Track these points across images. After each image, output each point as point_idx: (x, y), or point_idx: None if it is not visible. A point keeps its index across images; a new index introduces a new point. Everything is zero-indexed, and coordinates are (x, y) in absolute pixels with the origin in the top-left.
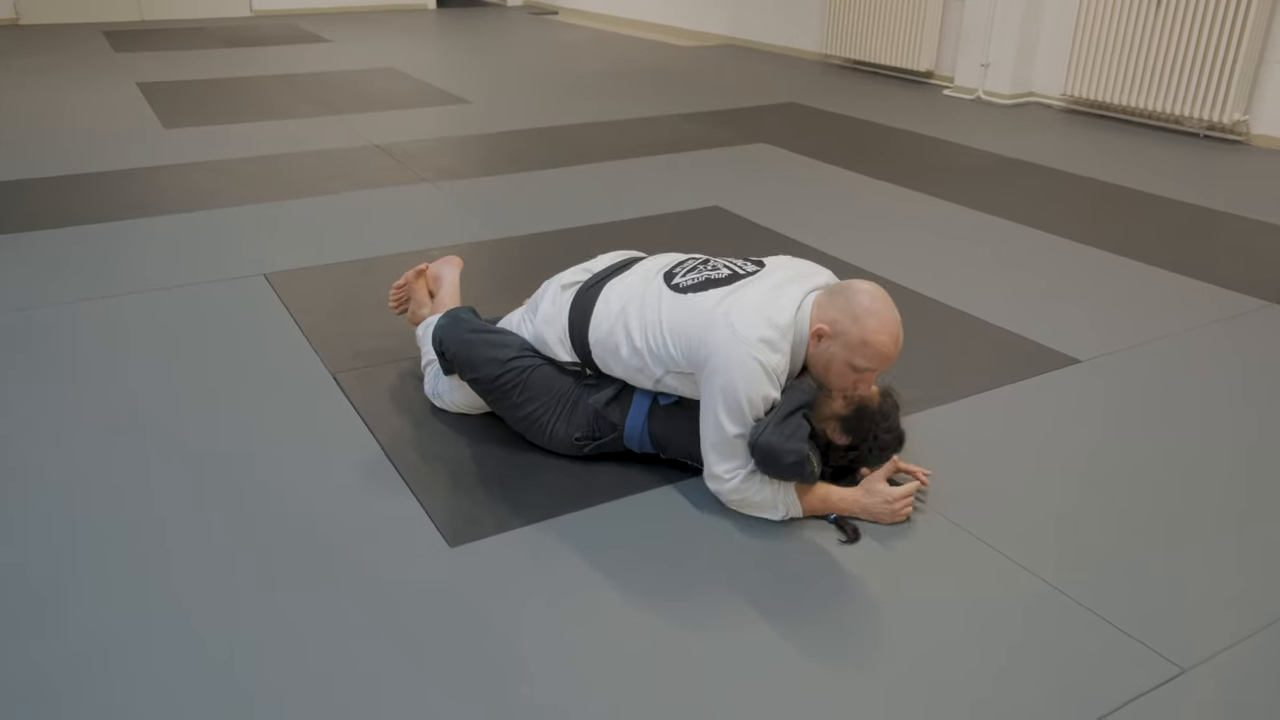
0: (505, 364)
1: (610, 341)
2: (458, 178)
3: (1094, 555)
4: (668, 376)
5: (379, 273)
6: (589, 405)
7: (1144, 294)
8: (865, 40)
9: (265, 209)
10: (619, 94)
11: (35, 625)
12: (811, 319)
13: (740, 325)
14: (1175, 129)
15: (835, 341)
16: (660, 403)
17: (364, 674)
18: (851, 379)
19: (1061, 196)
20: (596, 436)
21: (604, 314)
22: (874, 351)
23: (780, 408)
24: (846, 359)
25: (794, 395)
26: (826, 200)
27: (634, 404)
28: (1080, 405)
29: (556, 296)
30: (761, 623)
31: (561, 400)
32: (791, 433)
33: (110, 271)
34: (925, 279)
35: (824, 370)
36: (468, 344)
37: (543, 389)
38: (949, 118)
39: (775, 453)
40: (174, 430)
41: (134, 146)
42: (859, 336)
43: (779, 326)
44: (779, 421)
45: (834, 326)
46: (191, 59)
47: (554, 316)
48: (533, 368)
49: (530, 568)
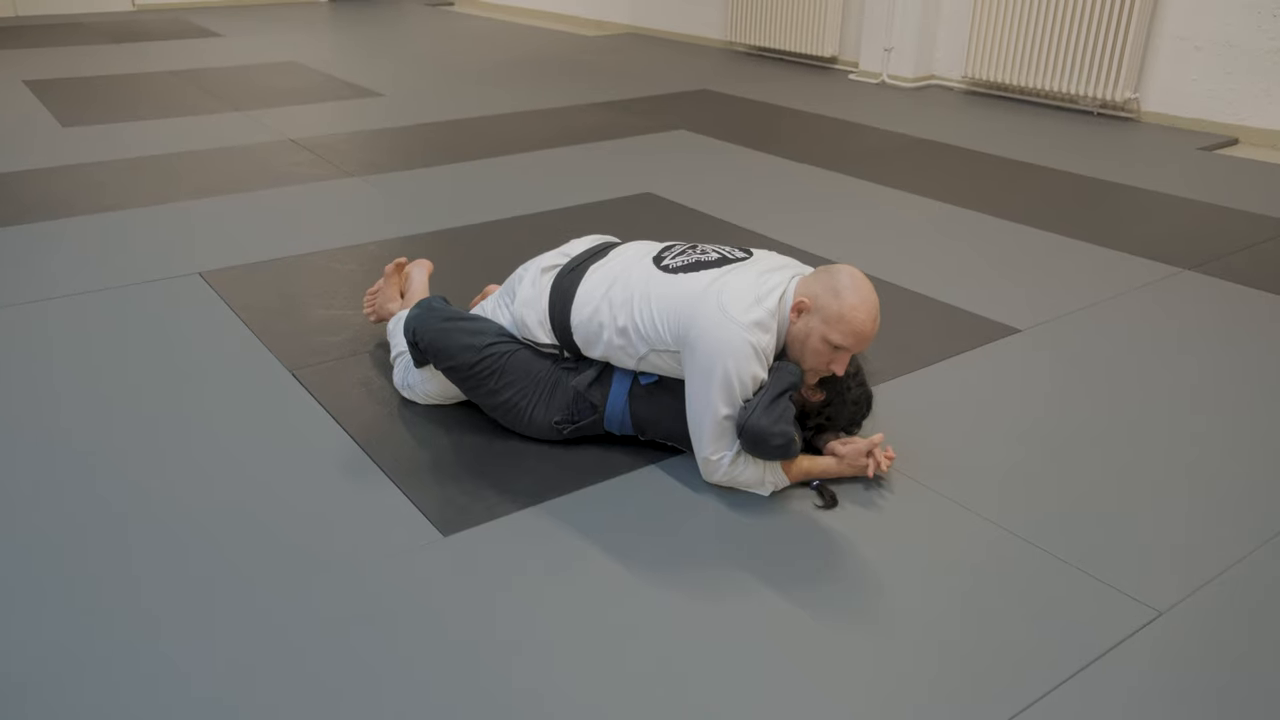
0: (482, 350)
1: (594, 321)
2: (382, 171)
3: (1060, 509)
4: (651, 354)
5: (317, 267)
6: (569, 388)
7: (1064, 264)
8: (769, 27)
9: (187, 207)
10: (530, 83)
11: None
12: (796, 296)
13: (731, 306)
14: (1070, 107)
15: (814, 316)
16: (641, 382)
17: (370, 667)
18: (827, 357)
19: (972, 174)
20: (576, 420)
21: (587, 296)
22: (850, 327)
23: (767, 390)
24: (823, 333)
25: (780, 377)
26: (752, 184)
27: (614, 385)
28: (1028, 371)
29: (536, 279)
30: (753, 594)
31: (540, 384)
32: (779, 415)
33: (28, 276)
34: (860, 256)
35: (801, 346)
36: (443, 332)
37: (521, 374)
38: (856, 101)
39: (764, 435)
40: (134, 438)
41: (32, 147)
42: (837, 311)
43: (768, 308)
44: (767, 404)
45: (814, 301)
46: (78, 55)
47: (534, 299)
48: (510, 353)
49: (525, 553)
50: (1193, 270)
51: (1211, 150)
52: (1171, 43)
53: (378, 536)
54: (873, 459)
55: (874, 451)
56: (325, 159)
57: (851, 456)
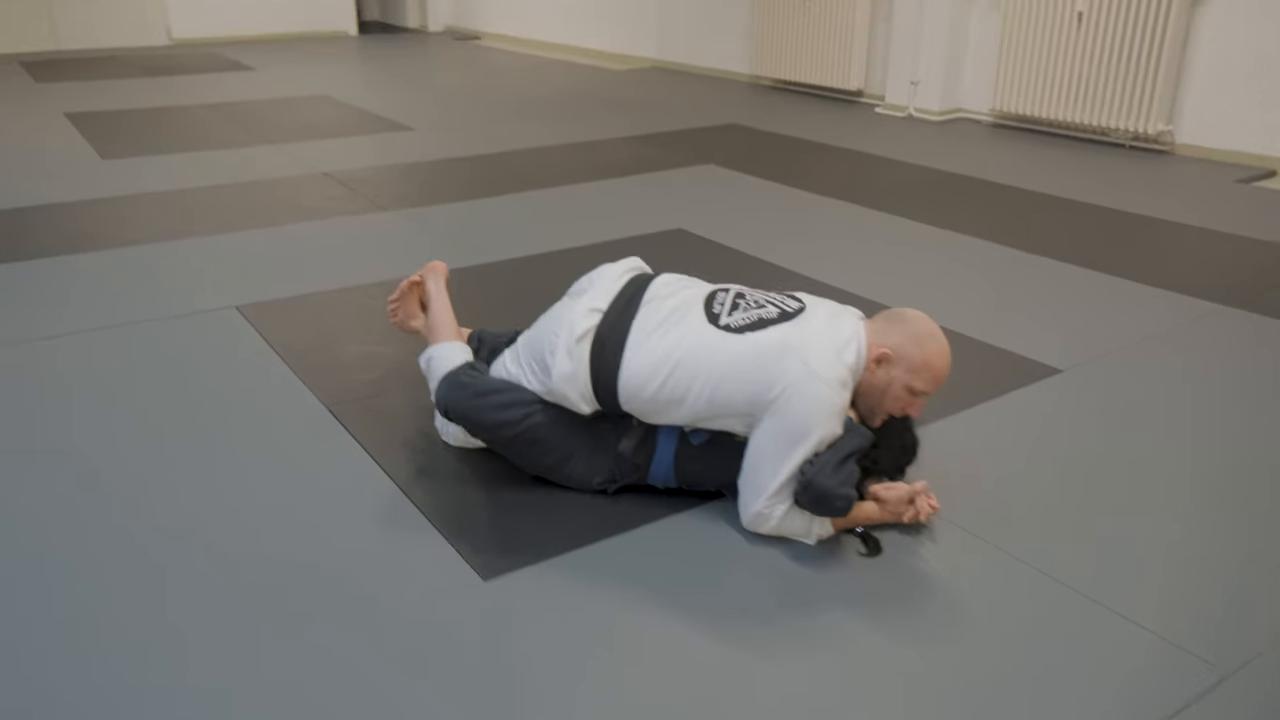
0: (518, 425)
1: (658, 400)
2: (415, 205)
3: (1113, 559)
4: (717, 419)
5: (354, 302)
6: (612, 449)
7: (1102, 301)
8: (794, 61)
9: (223, 240)
10: (558, 118)
11: (41, 696)
12: (869, 345)
13: (816, 364)
14: (1101, 140)
15: (897, 365)
16: (692, 442)
17: (403, 714)
18: (905, 401)
19: (1003, 208)
20: (618, 479)
21: (642, 373)
22: (933, 374)
23: (837, 450)
24: (906, 382)
25: (851, 439)
26: (783, 219)
27: (660, 444)
28: (1073, 413)
29: (572, 350)
30: (802, 647)
31: (580, 446)
32: (845, 478)
33: (67, 308)
34: (894, 293)
35: (880, 394)
36: (475, 409)
37: (560, 440)
38: (884, 135)
39: (829, 496)
40: (171, 472)
41: (73, 179)
42: (921, 359)
43: (848, 364)
44: (836, 465)
45: (896, 351)
46: (116, 88)
47: (573, 374)
48: (547, 422)
49: (567, 600)
50: (1233, 306)
51: (1249, 183)
52: (1205, 74)
53: (417, 580)
54: (915, 506)
55: (917, 499)
56: (358, 193)
57: (894, 504)
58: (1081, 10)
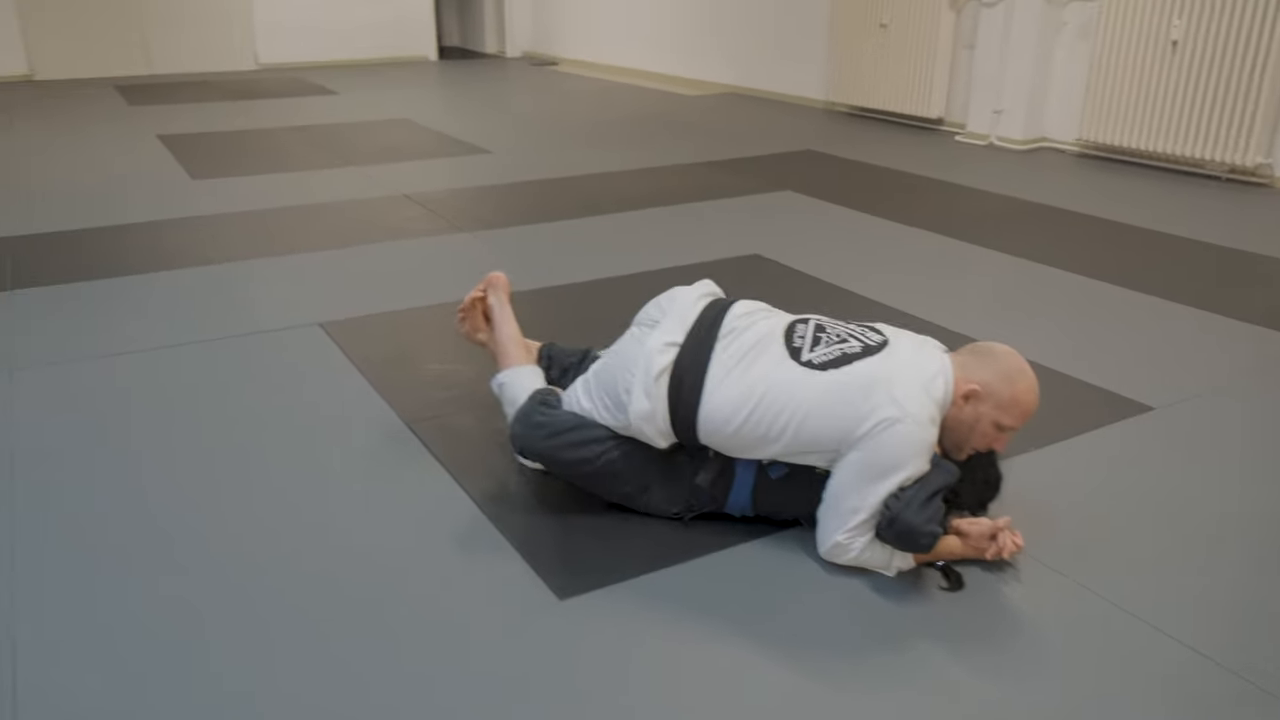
0: (595, 462)
1: (741, 436)
2: (492, 227)
3: (1210, 604)
4: (800, 454)
5: (430, 321)
6: (689, 482)
7: (1196, 337)
8: (872, 87)
9: (307, 259)
10: (635, 143)
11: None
12: (957, 380)
13: (904, 400)
14: (1195, 172)
15: (986, 402)
16: (771, 475)
17: None
18: (991, 437)
19: (1090, 240)
20: (694, 509)
21: (722, 403)
22: (1022, 411)
23: (924, 486)
24: (994, 419)
25: (939, 475)
26: (860, 247)
27: (738, 477)
28: (1165, 452)
29: (651, 389)
30: (883, 678)
31: (657, 479)
32: (931, 515)
33: (156, 323)
34: (976, 324)
35: (967, 430)
36: (551, 449)
37: (636, 473)
38: (964, 163)
39: (914, 532)
40: (251, 485)
41: (166, 198)
42: (1011, 396)
43: (936, 400)
44: (923, 502)
45: (986, 387)
46: (205, 111)
47: (652, 413)
48: (623, 458)
49: (643, 622)
50: None
51: None
52: None
53: (493, 598)
54: (998, 543)
55: (999, 534)
56: (437, 214)
57: (976, 538)
58: (1177, 38)
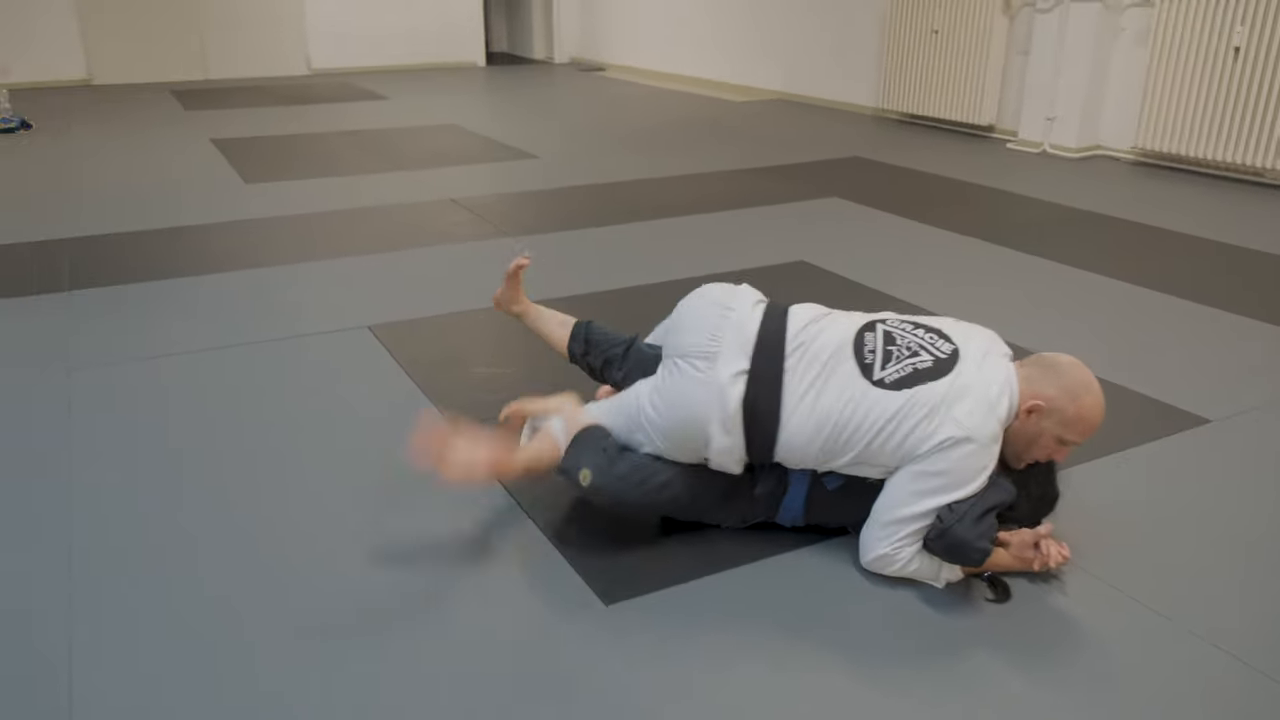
0: (662, 499)
1: (809, 453)
2: (538, 232)
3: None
4: (860, 466)
5: (477, 324)
6: (748, 495)
7: (1257, 350)
8: (923, 94)
9: (356, 262)
10: (682, 149)
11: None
12: (1021, 394)
13: (969, 421)
14: (1255, 181)
15: (1049, 417)
16: (827, 487)
17: None
18: (1052, 450)
19: (1147, 249)
20: (748, 519)
21: (800, 428)
22: (1086, 426)
23: (979, 502)
24: (1058, 434)
25: (995, 493)
26: (909, 254)
27: (791, 488)
28: (1222, 466)
29: (727, 424)
30: (941, 690)
31: (717, 498)
32: (984, 531)
33: (208, 324)
34: (1028, 334)
35: (1028, 442)
36: (619, 491)
37: (695, 498)
38: (1017, 171)
39: (965, 547)
40: (299, 487)
41: (220, 201)
42: (1075, 412)
43: (1000, 418)
44: (977, 518)
45: (1050, 403)
46: (259, 116)
47: (732, 447)
48: (685, 487)
49: (688, 629)
50: None
51: None
52: None
53: (539, 601)
54: (1043, 554)
55: (1043, 544)
56: (484, 218)
57: (1018, 547)
58: (1239, 45)
